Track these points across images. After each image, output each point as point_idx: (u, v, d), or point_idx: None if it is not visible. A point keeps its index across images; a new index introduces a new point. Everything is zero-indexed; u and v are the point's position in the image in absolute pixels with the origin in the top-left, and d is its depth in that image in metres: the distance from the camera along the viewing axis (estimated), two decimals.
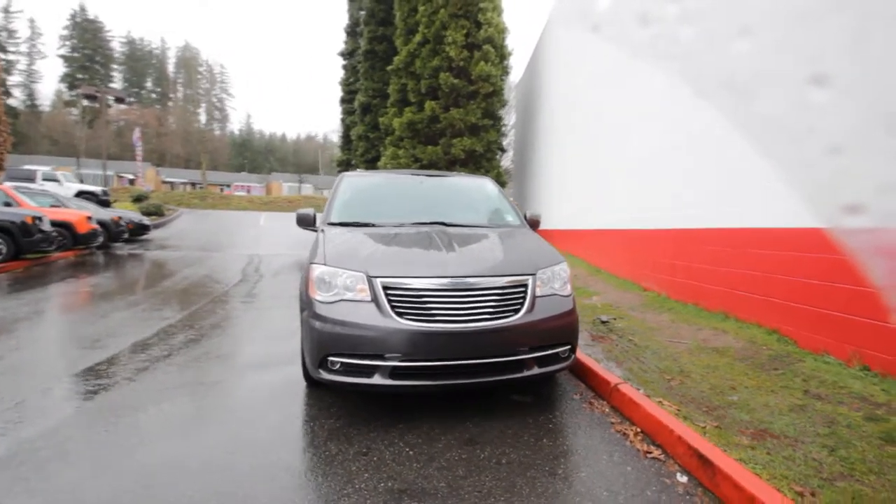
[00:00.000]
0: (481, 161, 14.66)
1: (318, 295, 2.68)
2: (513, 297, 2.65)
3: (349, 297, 2.60)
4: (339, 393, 3.02)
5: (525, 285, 2.71)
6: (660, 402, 2.75)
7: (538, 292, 2.74)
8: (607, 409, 2.88)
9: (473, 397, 3.00)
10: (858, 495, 1.87)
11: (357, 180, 4.19)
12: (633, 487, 2.04)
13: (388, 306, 2.51)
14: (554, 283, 2.87)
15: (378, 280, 2.58)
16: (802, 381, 3.12)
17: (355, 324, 2.51)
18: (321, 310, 2.61)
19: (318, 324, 2.59)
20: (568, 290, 2.93)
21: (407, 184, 4.29)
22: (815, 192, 3.48)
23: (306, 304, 2.76)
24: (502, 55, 14.37)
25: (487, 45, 13.78)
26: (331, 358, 2.54)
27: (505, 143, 16.13)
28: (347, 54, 20.97)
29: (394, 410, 2.79)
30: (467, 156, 14.16)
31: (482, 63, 13.50)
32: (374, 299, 2.55)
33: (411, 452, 2.31)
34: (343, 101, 21.54)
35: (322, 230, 3.41)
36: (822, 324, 3.51)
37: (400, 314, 2.50)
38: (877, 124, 2.91)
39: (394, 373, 2.50)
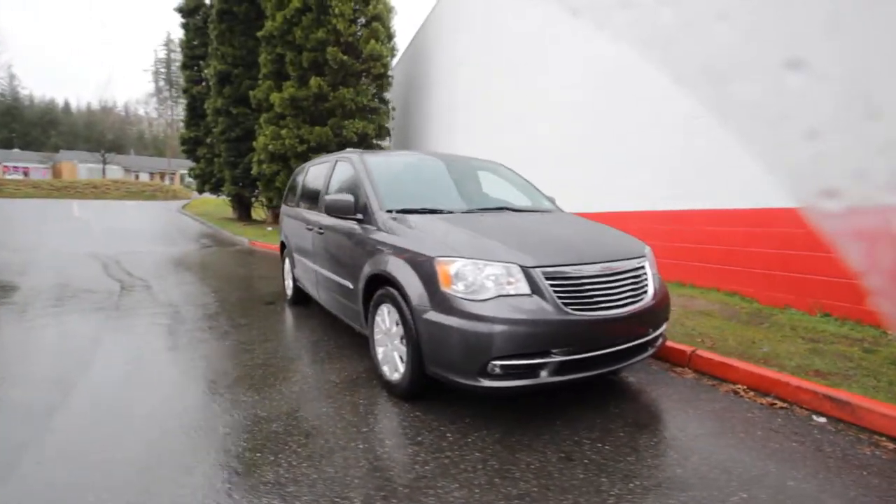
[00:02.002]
0: (373, 145, 14.07)
1: (461, 292, 2.30)
2: (642, 279, 2.69)
3: (505, 291, 2.30)
4: (434, 401, 2.67)
5: (644, 267, 2.77)
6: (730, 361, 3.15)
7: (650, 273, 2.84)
8: (692, 375, 3.16)
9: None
10: None
11: (381, 162, 3.65)
12: (801, 435, 2.32)
13: (555, 298, 2.31)
14: (652, 263, 2.99)
15: (538, 270, 2.33)
16: (791, 329, 3.91)
17: (524, 320, 2.23)
18: (474, 308, 2.25)
19: (473, 325, 2.23)
20: (657, 270, 3.10)
21: (433, 166, 3.92)
22: (783, 176, 4.32)
23: (438, 303, 2.35)
24: (389, 35, 13.91)
25: (377, 22, 13.17)
26: (494, 362, 2.23)
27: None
28: (188, 11, 17.54)
29: (526, 410, 2.59)
30: (359, 139, 13.42)
31: (373, 41, 12.87)
32: (536, 291, 2.30)
33: (609, 448, 2.18)
34: (186, 66, 17.98)
35: (393, 217, 2.91)
36: (780, 284, 4.42)
37: (566, 304, 2.32)
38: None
39: (561, 368, 2.32)
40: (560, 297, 2.31)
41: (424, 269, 2.45)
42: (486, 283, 2.31)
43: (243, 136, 15.65)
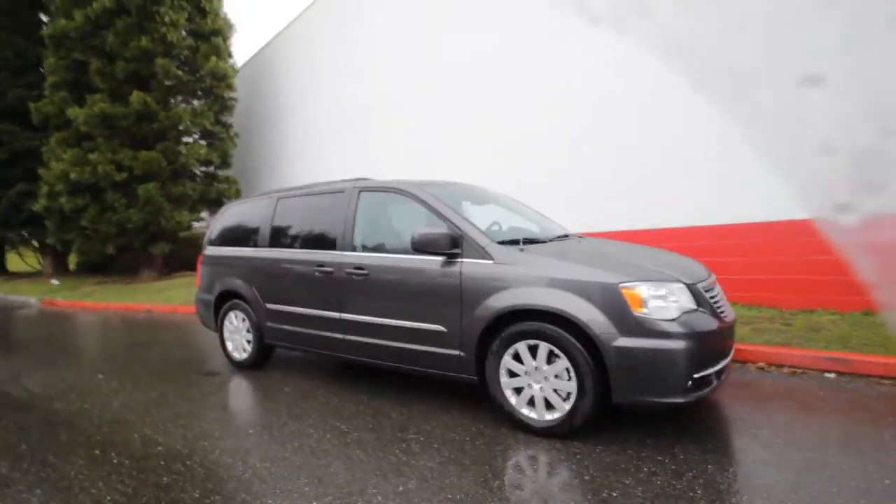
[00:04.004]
0: (216, 176, 12.10)
1: (652, 314, 2.36)
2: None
3: (683, 308, 2.44)
4: (583, 434, 2.65)
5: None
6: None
7: None
8: None
9: None
10: None
11: (447, 192, 3.37)
12: (824, 389, 3.08)
13: (714, 309, 2.57)
14: None
15: (699, 286, 2.56)
16: (770, 319, 4.97)
17: (710, 332, 2.42)
18: (670, 327, 2.33)
19: (675, 344, 2.30)
20: None
21: (473, 196, 3.76)
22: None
23: (630, 328, 2.34)
24: (229, 54, 12.38)
25: (217, 38, 11.61)
26: (694, 376, 2.35)
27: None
28: None
29: (673, 423, 2.77)
30: (201, 166, 11.38)
31: (214, 58, 11.27)
32: (701, 305, 2.52)
33: (770, 430, 2.54)
34: None
35: (520, 249, 2.76)
36: (743, 286, 5.54)
37: (720, 315, 2.61)
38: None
39: (719, 374, 2.58)
40: (714, 309, 2.61)
41: (606, 295, 2.41)
42: (664, 304, 2.43)
43: (11, 161, 11.51)
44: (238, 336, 4.26)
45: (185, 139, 11.89)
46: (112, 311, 8.55)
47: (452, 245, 2.85)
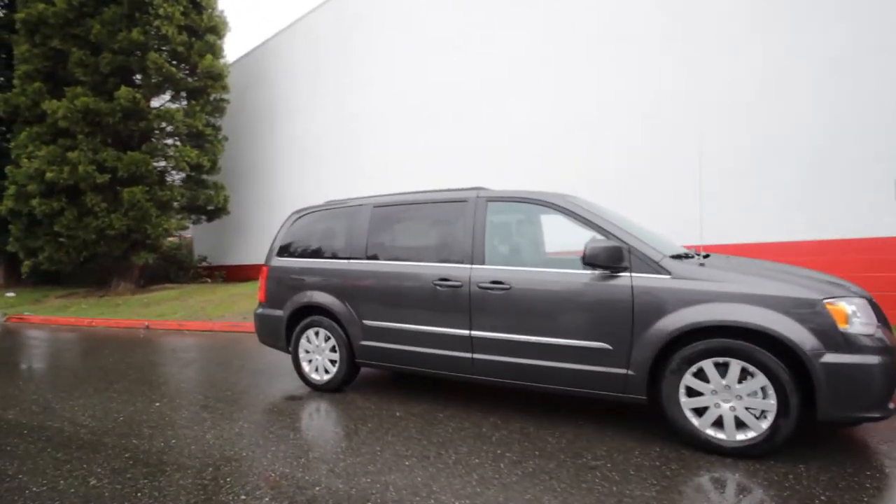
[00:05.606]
0: (204, 182, 11.26)
1: (856, 329, 2.37)
2: None
3: (874, 322, 2.48)
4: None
5: None
6: None
7: None
8: None
9: None
10: None
11: (579, 201, 3.28)
12: None
13: (889, 325, 2.62)
14: None
15: (872, 300, 2.62)
16: None
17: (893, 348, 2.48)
18: (874, 342, 2.35)
19: (877, 359, 2.28)
20: None
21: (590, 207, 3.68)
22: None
23: (839, 344, 2.32)
24: (222, 53, 11.68)
25: (213, 36, 10.93)
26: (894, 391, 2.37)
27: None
28: None
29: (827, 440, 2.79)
30: (191, 170, 10.54)
31: (210, 56, 10.59)
32: (881, 320, 2.57)
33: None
34: None
35: (700, 263, 2.70)
36: None
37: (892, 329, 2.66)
38: None
39: None
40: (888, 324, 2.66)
41: (810, 311, 2.38)
42: (861, 319, 2.45)
43: None
44: (319, 356, 3.91)
45: (168, 141, 11.07)
46: (101, 329, 7.65)
47: (619, 259, 2.76)
